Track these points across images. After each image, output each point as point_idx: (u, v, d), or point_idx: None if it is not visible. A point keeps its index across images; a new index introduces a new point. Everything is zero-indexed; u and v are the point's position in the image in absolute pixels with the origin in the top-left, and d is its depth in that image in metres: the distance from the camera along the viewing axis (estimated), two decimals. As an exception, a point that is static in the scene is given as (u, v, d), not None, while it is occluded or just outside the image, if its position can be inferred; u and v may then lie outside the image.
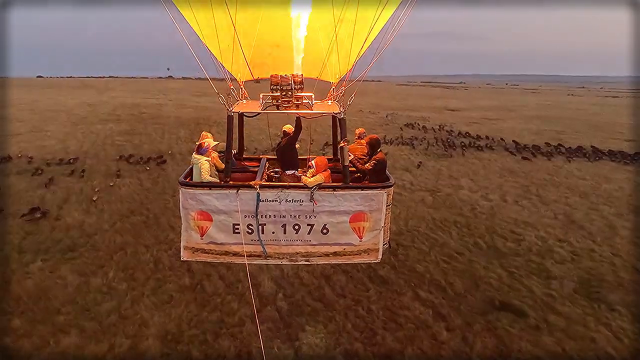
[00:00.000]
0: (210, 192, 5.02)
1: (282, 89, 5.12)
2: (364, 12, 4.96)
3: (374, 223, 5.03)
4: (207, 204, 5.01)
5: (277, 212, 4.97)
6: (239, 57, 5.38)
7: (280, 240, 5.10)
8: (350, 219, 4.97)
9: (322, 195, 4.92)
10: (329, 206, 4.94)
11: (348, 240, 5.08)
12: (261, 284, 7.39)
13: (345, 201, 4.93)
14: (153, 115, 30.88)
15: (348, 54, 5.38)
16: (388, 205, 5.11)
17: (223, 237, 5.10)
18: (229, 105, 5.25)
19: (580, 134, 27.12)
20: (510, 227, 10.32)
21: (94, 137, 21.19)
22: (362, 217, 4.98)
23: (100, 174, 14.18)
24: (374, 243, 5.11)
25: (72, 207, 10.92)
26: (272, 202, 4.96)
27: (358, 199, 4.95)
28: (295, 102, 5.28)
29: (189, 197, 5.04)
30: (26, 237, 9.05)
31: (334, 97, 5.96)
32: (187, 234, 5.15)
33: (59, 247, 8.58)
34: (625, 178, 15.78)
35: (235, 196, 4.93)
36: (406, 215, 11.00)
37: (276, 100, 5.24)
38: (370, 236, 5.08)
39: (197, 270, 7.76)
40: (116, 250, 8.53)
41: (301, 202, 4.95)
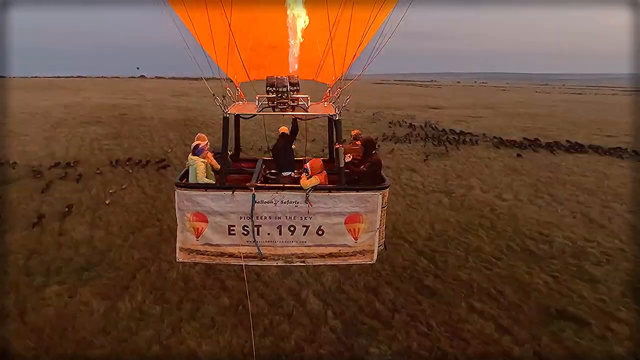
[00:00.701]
0: (205, 193, 4.94)
1: (277, 90, 5.06)
2: (359, 13, 4.88)
3: (370, 224, 5.00)
4: (203, 205, 4.93)
5: (273, 214, 4.92)
6: (235, 59, 5.29)
7: (276, 241, 5.03)
8: (346, 220, 4.94)
9: (318, 196, 4.87)
10: (324, 207, 4.90)
11: (343, 241, 5.03)
12: (306, 301, 6.83)
13: (340, 202, 4.89)
14: (135, 116, 29.49)
15: (344, 55, 5.31)
16: (383, 207, 5.06)
17: (218, 238, 5.02)
18: (224, 107, 5.15)
19: (563, 130, 27.68)
20: (536, 228, 10.12)
21: (79, 141, 19.90)
22: (358, 218, 4.95)
23: (96, 182, 13.15)
24: (369, 244, 5.08)
25: (74, 220, 9.98)
26: (267, 204, 4.89)
27: (353, 201, 4.90)
28: (291, 104, 5.21)
29: (184, 198, 4.96)
30: (31, 256, 8.12)
31: (330, 99, 5.84)
32: (182, 235, 5.06)
33: (72, 267, 7.72)
34: (622, 174, 16.00)
35: (230, 197, 4.87)
36: (429, 218, 10.64)
37: (272, 102, 5.18)
38: (365, 237, 5.03)
39: (232, 288, 7.12)
40: (137, 268, 7.75)
41: (296, 204, 4.89)
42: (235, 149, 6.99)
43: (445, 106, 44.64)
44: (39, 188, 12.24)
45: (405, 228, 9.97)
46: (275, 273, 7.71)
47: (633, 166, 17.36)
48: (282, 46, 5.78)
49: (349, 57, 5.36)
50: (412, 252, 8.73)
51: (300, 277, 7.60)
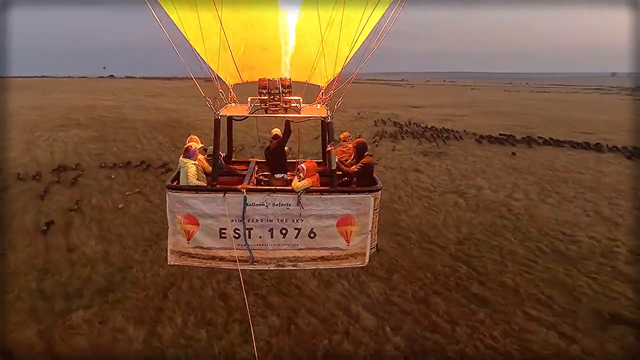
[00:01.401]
0: (197, 195, 4.86)
1: (270, 92, 5.02)
2: (352, 15, 4.82)
3: (362, 227, 4.93)
4: (194, 207, 4.84)
5: (264, 216, 4.84)
6: (227, 60, 5.22)
7: (268, 245, 4.94)
8: (338, 223, 4.88)
9: (309, 199, 4.80)
10: (316, 210, 4.83)
11: (335, 244, 4.96)
12: (359, 316, 6.41)
13: (332, 205, 4.83)
14: (116, 118, 28.09)
15: (336, 57, 5.25)
16: (375, 209, 4.99)
17: (209, 241, 4.92)
18: (216, 109, 5.05)
19: (542, 128, 28.29)
20: (558, 228, 10.08)
21: (62, 146, 18.65)
22: (350, 221, 4.89)
23: (93, 189, 12.21)
24: (361, 247, 5.00)
25: (81, 233, 9.14)
26: (259, 206, 4.81)
27: (345, 203, 4.84)
28: (283, 106, 5.15)
29: (175, 200, 4.87)
30: (43, 277, 7.31)
31: (323, 101, 5.78)
32: (173, 237, 4.96)
33: (94, 288, 6.99)
34: (615, 171, 16.38)
35: (222, 200, 4.78)
36: (452, 220, 10.43)
37: (264, 104, 5.12)
38: (357, 240, 4.97)
39: (277, 305, 6.61)
40: (166, 286, 7.09)
41: (288, 206, 4.82)
42: (228, 151, 6.84)
43: (426, 105, 45.08)
44: (32, 197, 11.22)
45: (432, 232, 9.70)
46: (317, 285, 7.26)
47: (622, 162, 17.85)
48: (274, 48, 5.70)
49: (341, 59, 5.29)
50: (447, 257, 8.46)
51: (344, 289, 7.18)
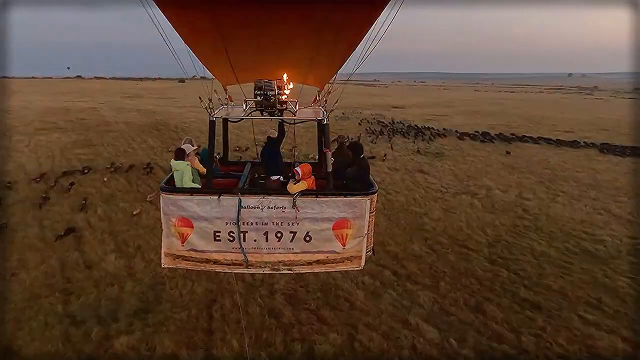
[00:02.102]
0: (191, 197, 4.76)
1: (266, 94, 4.92)
2: (349, 17, 4.66)
3: (358, 230, 4.84)
4: (188, 210, 4.74)
5: (259, 219, 4.73)
6: (223, 61, 5.13)
7: (262, 248, 4.82)
8: (334, 226, 4.80)
9: (305, 201, 4.71)
10: (311, 213, 4.73)
11: (331, 247, 4.85)
12: (420, 328, 6.12)
13: (328, 208, 4.74)
14: (97, 121, 26.63)
15: (333, 59, 5.19)
16: (371, 212, 4.90)
17: (204, 244, 4.82)
18: (211, 110, 4.95)
19: (524, 127, 28.93)
20: (578, 227, 10.15)
21: (47, 151, 17.42)
22: (346, 224, 4.80)
23: (95, 198, 11.36)
24: (357, 250, 4.91)
25: (95, 248, 8.41)
26: (254, 209, 4.71)
27: (341, 206, 4.76)
28: (279, 108, 5.06)
29: (169, 202, 4.77)
30: (68, 300, 6.63)
31: (319, 103, 5.71)
32: (168, 240, 4.85)
33: (129, 310, 6.38)
34: (606, 168, 16.83)
35: (216, 202, 4.69)
36: (475, 222, 10.31)
37: (260, 106, 5.03)
38: (353, 243, 4.88)
39: (333, 320, 6.23)
40: (207, 304, 6.58)
41: (284, 209, 4.72)
42: (224, 153, 6.70)
43: (406, 105, 45.42)
44: (29, 208, 10.32)
45: (460, 235, 9.54)
46: (365, 296, 6.93)
47: (611, 160, 18.40)
48: (271, 49, 5.52)
49: (338, 60, 5.19)
50: (484, 261, 8.31)
51: (393, 299, 6.89)
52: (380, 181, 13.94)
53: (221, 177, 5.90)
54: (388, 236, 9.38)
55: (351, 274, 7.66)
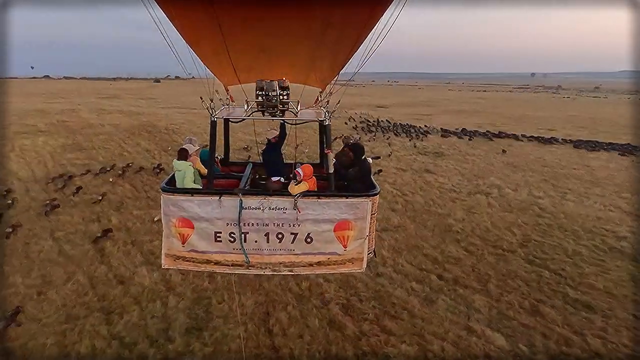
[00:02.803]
0: (192, 198, 4.65)
1: (267, 94, 4.87)
2: (351, 18, 4.59)
3: (359, 232, 4.75)
4: (189, 210, 4.64)
5: (260, 220, 4.64)
6: (225, 62, 5.06)
7: (263, 249, 4.73)
8: (335, 228, 4.71)
9: (306, 203, 4.62)
10: (313, 214, 4.64)
11: (332, 249, 4.76)
12: (485, 335, 5.95)
13: (329, 209, 4.66)
14: (80, 124, 25.35)
15: (335, 60, 5.13)
16: (373, 214, 4.83)
17: (204, 245, 4.72)
18: (212, 111, 4.89)
19: (510, 125, 29.64)
20: (597, 224, 10.29)
21: (36, 156, 16.41)
22: (347, 225, 4.71)
23: (103, 206, 10.65)
24: (358, 252, 4.82)
25: (124, 261, 7.82)
26: (255, 210, 4.62)
27: (343, 207, 4.67)
28: (280, 108, 5.01)
29: (170, 203, 4.67)
30: (110, 319, 6.09)
31: (321, 104, 5.66)
32: (168, 241, 4.75)
33: (179, 328, 5.93)
34: (600, 165, 17.33)
35: (217, 203, 4.59)
36: (499, 222, 10.29)
37: (261, 106, 4.98)
38: (355, 245, 4.79)
39: (397, 331, 5.98)
40: (262, 318, 6.21)
41: (285, 210, 4.63)
42: (225, 154, 6.58)
43: (389, 104, 45.69)
44: (34, 219, 9.56)
45: (489, 236, 9.48)
46: (420, 303, 6.71)
47: (600, 157, 19.00)
48: (272, 49, 5.40)
49: (339, 61, 5.11)
50: (522, 261, 8.26)
51: (449, 305, 6.70)
52: (392, 182, 13.81)
53: (222, 177, 5.82)
54: (420, 239, 9.21)
55: (397, 280, 7.46)
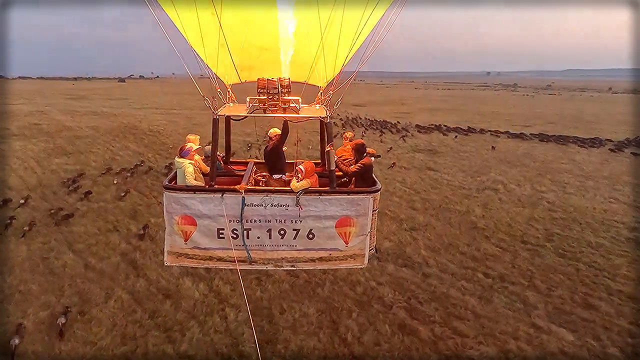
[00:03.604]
0: (194, 196, 4.70)
1: (269, 92, 4.90)
2: (351, 15, 4.72)
3: (360, 228, 4.83)
4: (191, 208, 4.69)
5: (263, 217, 4.70)
6: (226, 60, 5.08)
7: (266, 245, 4.80)
8: (336, 224, 4.78)
9: (308, 199, 4.69)
10: (314, 211, 4.71)
11: (334, 245, 4.85)
12: (553, 331, 5.98)
13: (331, 206, 4.73)
14: (55, 126, 23.83)
15: (335, 57, 5.15)
16: (374, 210, 4.90)
17: (207, 242, 4.77)
18: (214, 108, 4.91)
19: (484, 122, 30.53)
20: (607, 217, 10.65)
21: (20, 163, 15.27)
22: (349, 222, 4.79)
23: (116, 215, 9.94)
24: (360, 248, 4.92)
25: (162, 272, 7.28)
26: (257, 207, 4.67)
27: (344, 204, 4.75)
28: (282, 106, 5.02)
29: (172, 200, 4.70)
30: (172, 336, 5.63)
31: (322, 101, 5.66)
32: (170, 238, 4.80)
33: (252, 342, 5.53)
34: (584, 159, 18.09)
35: (220, 200, 4.63)
36: (517, 217, 10.49)
37: (263, 104, 5.00)
38: (356, 241, 4.88)
39: (468, 332, 5.89)
40: (332, 327, 5.93)
41: (287, 207, 4.69)
42: (226, 152, 6.59)
43: (365, 103, 45.91)
44: (45, 231, 8.76)
45: (514, 231, 9.63)
46: (478, 302, 6.67)
47: (580, 151, 19.89)
48: (273, 48, 5.55)
49: (340, 59, 5.19)
50: (554, 256, 8.43)
51: (505, 303, 6.70)
52: (401, 180, 13.82)
53: (224, 175, 5.78)
54: (452, 237, 9.22)
55: (446, 279, 7.40)
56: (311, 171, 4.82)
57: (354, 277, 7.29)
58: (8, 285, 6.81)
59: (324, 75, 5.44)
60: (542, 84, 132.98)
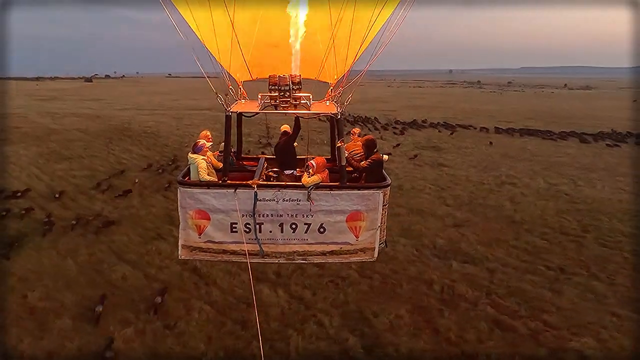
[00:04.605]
0: (208, 191, 4.79)
1: (280, 89, 4.99)
2: (361, 13, 4.83)
3: (371, 222, 4.93)
4: (205, 203, 4.79)
5: (275, 211, 4.80)
6: (238, 57, 5.10)
7: (278, 239, 4.90)
8: (347, 219, 4.87)
9: (319, 194, 4.77)
10: (325, 206, 4.81)
11: (345, 239, 4.94)
12: (626, 317, 6.20)
13: (341, 201, 4.83)
14: (41, 130, 22.36)
15: (346, 54, 5.20)
16: (384, 205, 5.02)
17: (221, 235, 4.87)
18: (226, 105, 4.99)
19: (470, 118, 31.19)
20: (625, 207, 11.19)
21: (16, 169, 14.09)
22: (359, 216, 4.88)
23: (149, 221, 9.44)
24: (370, 242, 5.01)
25: (233, 282, 6.97)
26: (269, 202, 4.77)
27: (355, 199, 4.85)
28: (293, 103, 5.11)
29: (187, 196, 4.81)
30: (275, 348, 5.39)
31: (332, 98, 5.76)
32: (185, 232, 4.92)
33: (356, 346, 5.42)
34: (575, 152, 18.93)
35: (233, 195, 4.73)
36: (549, 210, 10.81)
37: (274, 101, 5.08)
38: (366, 235, 4.98)
39: (559, 324, 6.00)
40: (427, 327, 5.87)
41: (298, 202, 4.78)
42: (238, 148, 6.59)
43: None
44: (78, 240, 8.20)
45: (549, 223, 9.92)
46: (552, 294, 6.82)
47: (569, 144, 20.80)
48: (284, 45, 5.58)
49: (351, 56, 5.22)
50: (597, 246, 8.76)
51: (575, 294, 6.88)
52: (422, 177, 13.95)
53: (236, 171, 5.83)
54: (497, 232, 9.38)
55: (512, 274, 7.51)
56: (322, 166, 4.88)
57: (427, 276, 7.29)
58: (74, 303, 6.30)
59: (334, 71, 5.49)
60: (502, 81, 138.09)
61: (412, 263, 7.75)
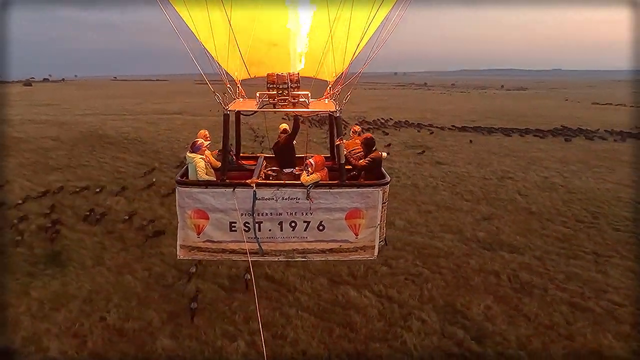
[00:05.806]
0: (206, 190, 4.83)
1: (278, 87, 5.01)
2: (359, 11, 4.93)
3: (370, 220, 4.92)
4: (204, 202, 4.82)
5: (274, 210, 4.83)
6: (236, 56, 5.20)
7: (277, 237, 4.93)
8: (346, 216, 4.88)
9: (318, 192, 4.80)
10: (325, 203, 4.83)
11: (344, 237, 4.95)
12: None
13: (341, 198, 4.83)
14: (17, 138, 20.29)
15: (344, 53, 5.33)
16: (384, 203, 5.01)
17: (220, 235, 4.91)
18: (225, 104, 5.04)
19: (438, 119, 32.55)
20: (618, 195, 12.29)
21: (6, 183, 12.64)
22: (358, 214, 4.88)
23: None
24: (370, 240, 5.00)
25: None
26: (268, 200, 4.81)
27: (354, 197, 4.85)
28: (291, 101, 5.12)
29: (185, 195, 4.83)
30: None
31: (330, 96, 5.83)
32: (183, 232, 4.93)
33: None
34: (547, 148, 20.48)
35: (231, 194, 4.76)
36: (557, 202, 11.67)
37: (273, 99, 5.11)
38: (366, 233, 4.97)
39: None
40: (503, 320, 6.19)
41: (297, 200, 4.81)
42: (236, 147, 6.59)
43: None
44: (117, 254, 7.68)
45: (562, 213, 10.71)
46: (601, 276, 7.44)
47: (538, 140, 22.44)
48: (282, 43, 5.68)
49: (349, 54, 5.34)
50: (612, 231, 9.59)
51: (619, 274, 7.54)
52: (428, 175, 14.45)
53: (235, 170, 5.81)
54: (524, 223, 10.00)
55: (558, 260, 8.06)
56: (321, 165, 4.88)
57: (489, 267, 7.66)
58: (161, 321, 5.89)
59: (333, 69, 5.53)
60: (446, 83, 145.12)
61: (469, 257, 8.09)
